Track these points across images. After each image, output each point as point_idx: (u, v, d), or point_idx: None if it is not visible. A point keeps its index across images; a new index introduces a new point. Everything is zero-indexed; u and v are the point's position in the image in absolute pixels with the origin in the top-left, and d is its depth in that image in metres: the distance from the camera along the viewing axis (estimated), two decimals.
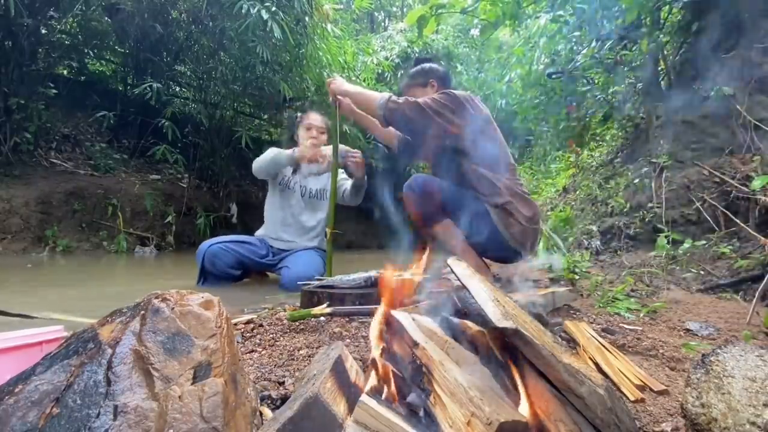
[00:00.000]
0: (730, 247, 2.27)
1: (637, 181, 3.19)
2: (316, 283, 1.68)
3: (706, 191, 2.66)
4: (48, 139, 5.53)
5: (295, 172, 2.70)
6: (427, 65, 2.12)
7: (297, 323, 1.32)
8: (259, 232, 2.74)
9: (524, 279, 1.74)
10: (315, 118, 2.71)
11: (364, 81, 7.62)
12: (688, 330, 1.47)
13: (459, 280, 0.86)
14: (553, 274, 2.16)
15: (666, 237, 2.46)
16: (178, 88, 6.93)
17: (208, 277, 2.48)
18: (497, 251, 1.89)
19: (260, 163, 2.59)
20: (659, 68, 3.80)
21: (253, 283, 2.70)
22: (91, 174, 5.54)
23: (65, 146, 5.76)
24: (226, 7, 4.99)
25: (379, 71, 8.14)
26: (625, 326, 1.47)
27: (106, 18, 5.64)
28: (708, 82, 3.15)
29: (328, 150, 2.49)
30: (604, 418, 0.58)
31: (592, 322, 1.47)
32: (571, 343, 1.21)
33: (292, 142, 2.73)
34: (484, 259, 1.97)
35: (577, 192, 4.31)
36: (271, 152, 2.58)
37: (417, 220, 1.90)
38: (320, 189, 2.73)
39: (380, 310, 0.91)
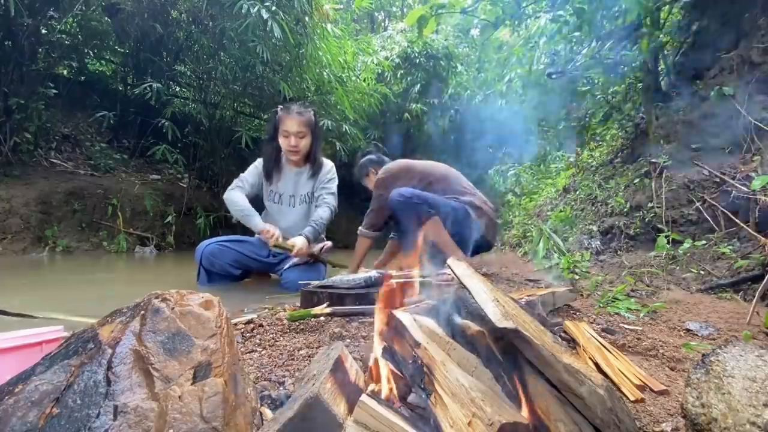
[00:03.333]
0: (730, 247, 2.27)
1: (637, 181, 3.19)
2: (316, 283, 1.69)
3: (706, 191, 2.66)
4: (48, 139, 5.53)
5: (276, 182, 2.57)
6: (365, 159, 2.90)
7: (297, 323, 1.32)
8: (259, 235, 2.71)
9: (524, 279, 1.75)
10: (291, 124, 2.42)
11: (364, 81, 7.63)
12: (688, 330, 1.47)
13: (459, 280, 0.86)
14: (553, 274, 2.16)
15: (666, 237, 2.46)
16: (178, 88, 6.93)
17: (211, 275, 2.47)
18: (472, 242, 2.30)
19: (230, 206, 2.45)
20: (659, 68, 3.80)
21: (253, 283, 2.70)
22: (91, 174, 5.54)
23: (65, 146, 5.76)
24: (226, 7, 4.99)
25: (379, 71, 8.14)
26: (625, 326, 1.47)
27: (106, 18, 5.63)
28: (708, 82, 3.15)
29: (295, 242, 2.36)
30: (604, 418, 0.58)
31: (592, 322, 1.47)
32: (571, 343, 1.21)
33: (273, 143, 2.52)
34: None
35: (577, 192, 4.31)
36: (242, 209, 2.41)
37: (407, 219, 2.27)
38: (308, 192, 2.61)
39: (380, 310, 0.91)
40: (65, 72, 6.12)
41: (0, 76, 4.65)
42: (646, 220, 2.88)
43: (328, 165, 2.67)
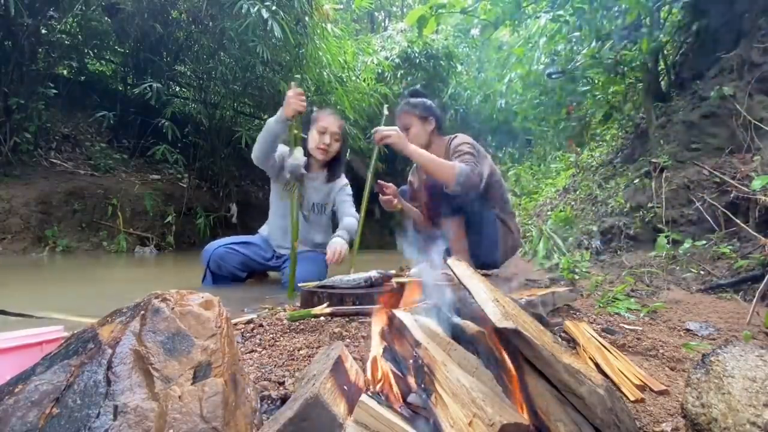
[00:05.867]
0: (730, 247, 2.27)
1: (637, 181, 3.19)
2: (316, 282, 1.69)
3: (706, 191, 2.66)
4: (48, 139, 5.54)
5: (299, 180, 2.53)
6: (428, 101, 2.32)
7: (297, 323, 1.32)
8: (263, 231, 2.68)
9: (524, 279, 1.76)
10: (331, 123, 2.46)
11: (364, 81, 7.62)
12: (688, 330, 1.47)
13: (459, 280, 0.86)
14: (553, 274, 2.16)
15: (666, 237, 2.46)
16: (178, 88, 6.93)
17: (216, 278, 2.48)
18: (485, 256, 2.16)
19: (256, 145, 2.34)
20: (659, 68, 3.81)
21: (253, 283, 2.70)
22: (91, 174, 5.54)
23: (65, 146, 5.76)
24: (226, 7, 4.99)
25: (379, 71, 8.14)
26: (625, 326, 1.46)
27: (106, 18, 5.63)
28: (708, 82, 3.15)
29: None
30: (604, 418, 0.58)
31: (592, 322, 1.47)
32: (571, 343, 1.21)
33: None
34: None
35: (577, 192, 4.31)
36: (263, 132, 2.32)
37: (434, 211, 2.13)
38: (319, 203, 2.60)
39: (381, 310, 0.91)
40: (65, 72, 6.12)
41: (0, 76, 4.65)
42: (646, 220, 2.88)
43: (344, 180, 2.68)
